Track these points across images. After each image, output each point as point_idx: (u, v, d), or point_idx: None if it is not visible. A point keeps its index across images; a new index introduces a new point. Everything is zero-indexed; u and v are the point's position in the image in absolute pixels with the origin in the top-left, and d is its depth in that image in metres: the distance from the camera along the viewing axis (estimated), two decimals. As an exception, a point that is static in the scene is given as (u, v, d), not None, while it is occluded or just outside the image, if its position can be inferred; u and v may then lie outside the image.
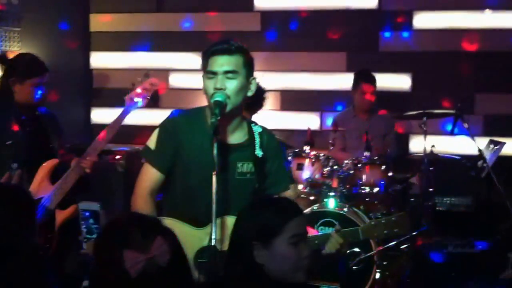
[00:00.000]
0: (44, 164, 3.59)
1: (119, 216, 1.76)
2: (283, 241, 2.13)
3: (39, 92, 3.71)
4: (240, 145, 2.71)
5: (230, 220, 2.53)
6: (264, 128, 2.82)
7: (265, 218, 2.17)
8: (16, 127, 3.65)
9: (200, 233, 2.58)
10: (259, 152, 2.71)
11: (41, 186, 3.55)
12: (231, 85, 2.60)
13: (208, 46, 2.67)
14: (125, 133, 5.69)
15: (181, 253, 1.70)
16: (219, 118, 2.50)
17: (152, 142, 2.73)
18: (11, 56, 5.62)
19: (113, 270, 1.59)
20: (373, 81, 5.46)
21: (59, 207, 3.55)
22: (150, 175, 2.71)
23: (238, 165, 2.69)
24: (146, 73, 3.52)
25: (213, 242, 2.38)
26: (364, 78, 5.48)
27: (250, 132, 2.75)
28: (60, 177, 3.57)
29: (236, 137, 2.72)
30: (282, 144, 3.10)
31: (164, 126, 2.76)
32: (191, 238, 2.57)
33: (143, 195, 2.69)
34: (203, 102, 2.75)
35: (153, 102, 6.34)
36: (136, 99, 3.48)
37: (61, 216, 3.56)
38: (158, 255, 1.60)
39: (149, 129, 3.01)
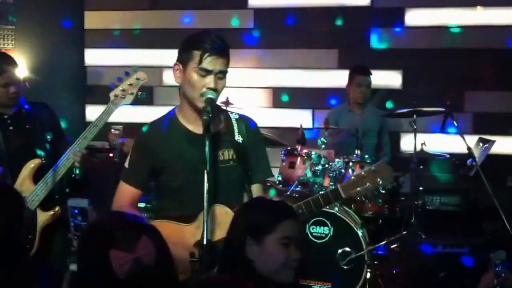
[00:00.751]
0: (27, 164, 3.52)
1: (103, 217, 1.77)
2: (274, 240, 2.21)
3: (11, 91, 3.57)
4: (218, 133, 2.70)
5: (219, 209, 2.57)
6: (241, 115, 2.82)
7: (259, 216, 2.26)
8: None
9: (190, 228, 2.60)
10: (238, 138, 2.72)
11: (23, 186, 3.48)
12: (220, 85, 2.63)
13: (198, 39, 2.62)
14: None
15: (166, 251, 1.72)
16: (210, 115, 2.51)
17: (127, 161, 2.79)
18: (5, 53, 5.68)
19: (99, 271, 1.61)
20: (367, 73, 5.51)
21: (42, 208, 3.49)
22: (123, 191, 2.76)
23: (219, 153, 2.69)
24: (134, 67, 3.34)
25: (205, 241, 2.38)
26: (358, 70, 5.53)
27: (227, 119, 2.76)
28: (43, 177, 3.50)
29: (214, 126, 2.68)
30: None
31: (135, 143, 2.80)
32: (182, 234, 2.60)
33: (121, 207, 2.69)
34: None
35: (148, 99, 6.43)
36: (121, 96, 3.31)
37: (42, 217, 3.50)
38: (144, 254, 1.62)
39: (143, 125, 3.07)
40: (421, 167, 4.92)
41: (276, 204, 2.37)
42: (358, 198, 4.60)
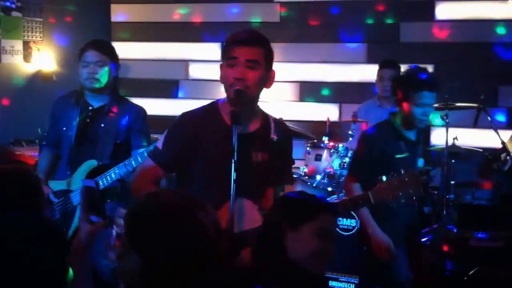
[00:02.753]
0: (85, 162, 3.50)
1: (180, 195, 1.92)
2: (311, 230, 2.20)
3: (85, 72, 3.53)
4: (255, 133, 2.69)
5: (244, 202, 2.57)
6: (280, 119, 2.85)
7: (300, 204, 2.26)
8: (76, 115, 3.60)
9: None
10: (273, 137, 2.70)
11: (74, 182, 3.51)
12: (252, 76, 2.56)
13: (230, 35, 2.64)
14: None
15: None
16: (238, 107, 2.50)
17: (160, 141, 2.74)
18: (33, 45, 5.72)
19: (194, 227, 1.72)
20: (389, 66, 5.37)
21: None
22: (147, 167, 2.74)
23: (253, 154, 2.66)
24: None
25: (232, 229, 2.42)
26: (381, 63, 5.43)
27: (265, 118, 2.74)
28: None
29: (251, 126, 2.69)
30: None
31: (174, 125, 2.76)
32: None
33: (142, 182, 2.70)
34: (221, 92, 2.72)
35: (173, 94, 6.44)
36: None
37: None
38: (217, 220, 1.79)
39: (168, 118, 3.05)
40: (453, 161, 4.80)
41: (317, 197, 2.38)
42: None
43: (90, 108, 3.61)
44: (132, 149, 3.57)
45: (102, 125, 3.57)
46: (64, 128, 3.62)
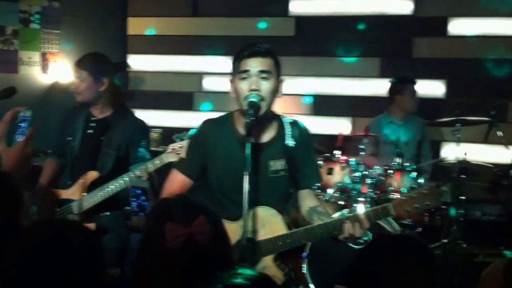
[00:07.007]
0: (86, 173, 3.58)
1: (167, 197, 1.84)
2: None
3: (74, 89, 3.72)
4: (270, 142, 2.73)
5: (264, 211, 2.62)
6: (295, 120, 2.84)
7: (433, 273, 1.78)
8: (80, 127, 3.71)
9: (234, 226, 2.59)
10: (290, 142, 2.73)
11: (74, 190, 3.59)
12: (265, 86, 2.63)
13: (238, 50, 2.71)
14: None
15: (223, 236, 1.74)
16: (253, 119, 2.53)
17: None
18: (50, 57, 5.81)
19: (157, 241, 1.64)
20: (415, 82, 5.47)
21: (86, 218, 3.52)
22: (175, 179, 2.82)
23: (271, 163, 2.71)
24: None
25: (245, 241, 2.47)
26: (409, 80, 5.47)
27: (279, 124, 2.77)
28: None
29: (266, 136, 2.74)
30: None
31: (193, 137, 2.88)
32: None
33: (171, 194, 2.75)
34: (235, 105, 2.77)
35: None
36: (177, 152, 3.22)
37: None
38: (198, 232, 1.64)
39: (183, 130, 3.14)
40: (463, 176, 4.82)
41: (425, 247, 1.89)
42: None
43: (93, 119, 3.71)
44: (131, 162, 3.62)
45: (102, 137, 3.66)
46: (69, 138, 3.72)
